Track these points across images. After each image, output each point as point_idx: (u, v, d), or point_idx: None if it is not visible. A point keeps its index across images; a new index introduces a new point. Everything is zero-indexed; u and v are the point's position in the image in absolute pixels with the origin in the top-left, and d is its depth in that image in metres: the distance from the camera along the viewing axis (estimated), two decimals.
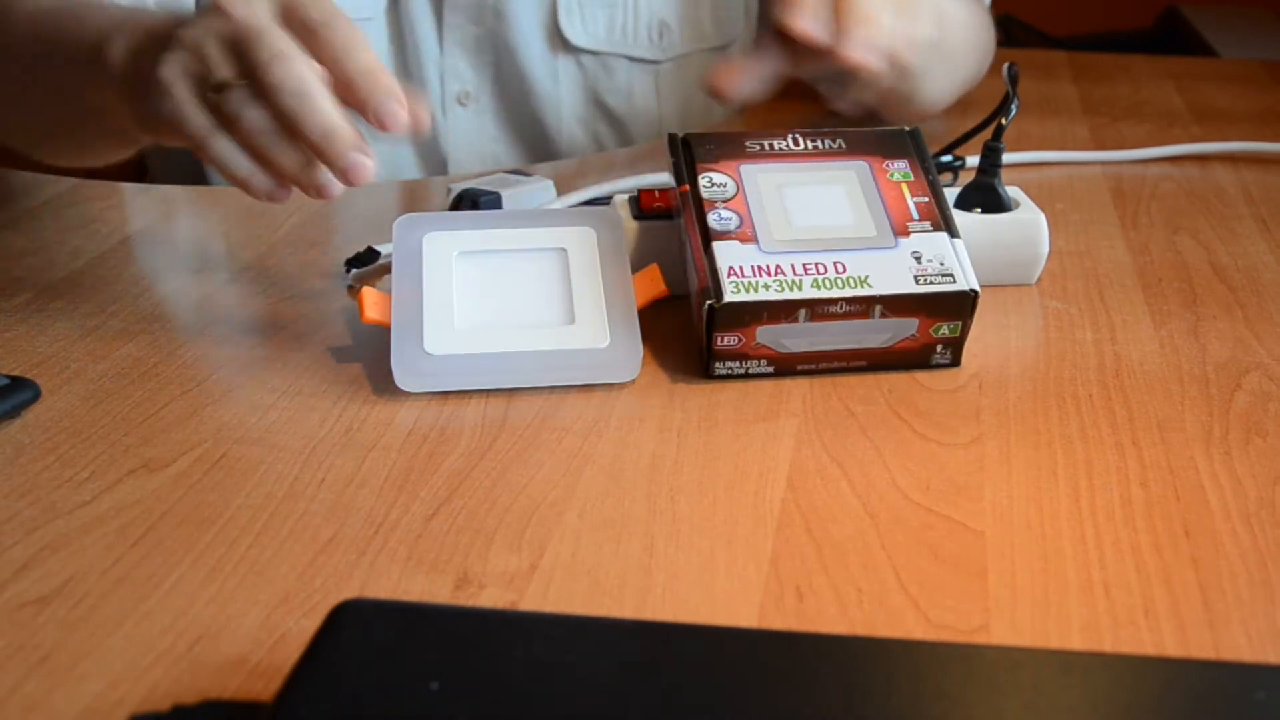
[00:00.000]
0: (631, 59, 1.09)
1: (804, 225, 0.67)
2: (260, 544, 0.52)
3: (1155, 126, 1.13)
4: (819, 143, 0.72)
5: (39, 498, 0.55)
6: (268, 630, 0.47)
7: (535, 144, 1.12)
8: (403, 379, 0.63)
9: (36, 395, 0.62)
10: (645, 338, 0.71)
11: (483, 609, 0.47)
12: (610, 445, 0.60)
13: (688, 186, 0.69)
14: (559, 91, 1.09)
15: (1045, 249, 0.77)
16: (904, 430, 0.62)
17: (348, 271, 0.75)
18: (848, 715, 0.38)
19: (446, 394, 0.64)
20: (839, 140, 0.72)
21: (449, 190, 0.84)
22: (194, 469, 0.58)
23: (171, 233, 0.86)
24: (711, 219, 0.67)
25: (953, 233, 0.67)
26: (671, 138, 0.72)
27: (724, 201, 0.68)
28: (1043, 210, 0.78)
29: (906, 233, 0.67)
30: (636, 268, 0.74)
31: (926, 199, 0.69)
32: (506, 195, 0.83)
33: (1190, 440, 0.61)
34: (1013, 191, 0.79)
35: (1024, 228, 0.77)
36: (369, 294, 0.65)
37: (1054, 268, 0.80)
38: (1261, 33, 2.18)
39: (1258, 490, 0.57)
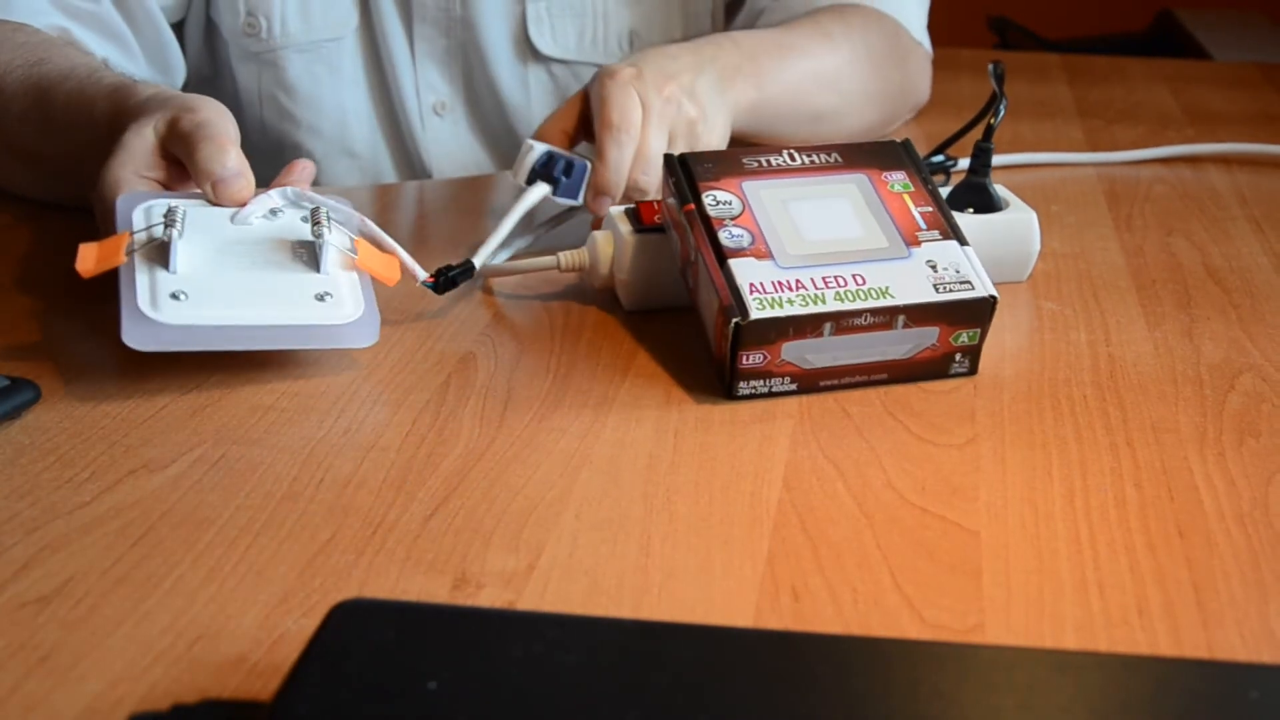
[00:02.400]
0: None
1: (815, 239, 0.67)
2: (259, 544, 0.53)
3: (1149, 129, 1.13)
4: (814, 157, 0.72)
5: (39, 498, 0.56)
6: (267, 630, 0.48)
7: (510, 152, 1.12)
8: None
9: (37, 396, 0.63)
10: (641, 341, 0.71)
11: (480, 609, 0.48)
12: (607, 446, 0.60)
13: (693, 205, 0.69)
14: (530, 100, 1.10)
15: (1036, 246, 0.78)
16: (899, 431, 0.62)
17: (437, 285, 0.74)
18: (843, 715, 0.38)
19: (444, 395, 0.65)
20: (834, 154, 0.72)
21: (529, 147, 0.81)
22: (193, 469, 0.58)
23: None
24: (723, 237, 0.66)
25: (962, 241, 0.67)
26: (668, 158, 0.72)
27: (732, 219, 0.67)
28: (1036, 210, 0.78)
29: (917, 242, 0.67)
30: (637, 280, 0.73)
31: (930, 208, 0.69)
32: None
33: (1184, 441, 0.61)
34: (1002, 191, 0.79)
35: (1016, 226, 0.77)
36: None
37: (1049, 270, 0.80)
38: (1255, 36, 2.19)
39: (1251, 490, 0.57)
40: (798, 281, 0.64)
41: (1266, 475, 0.58)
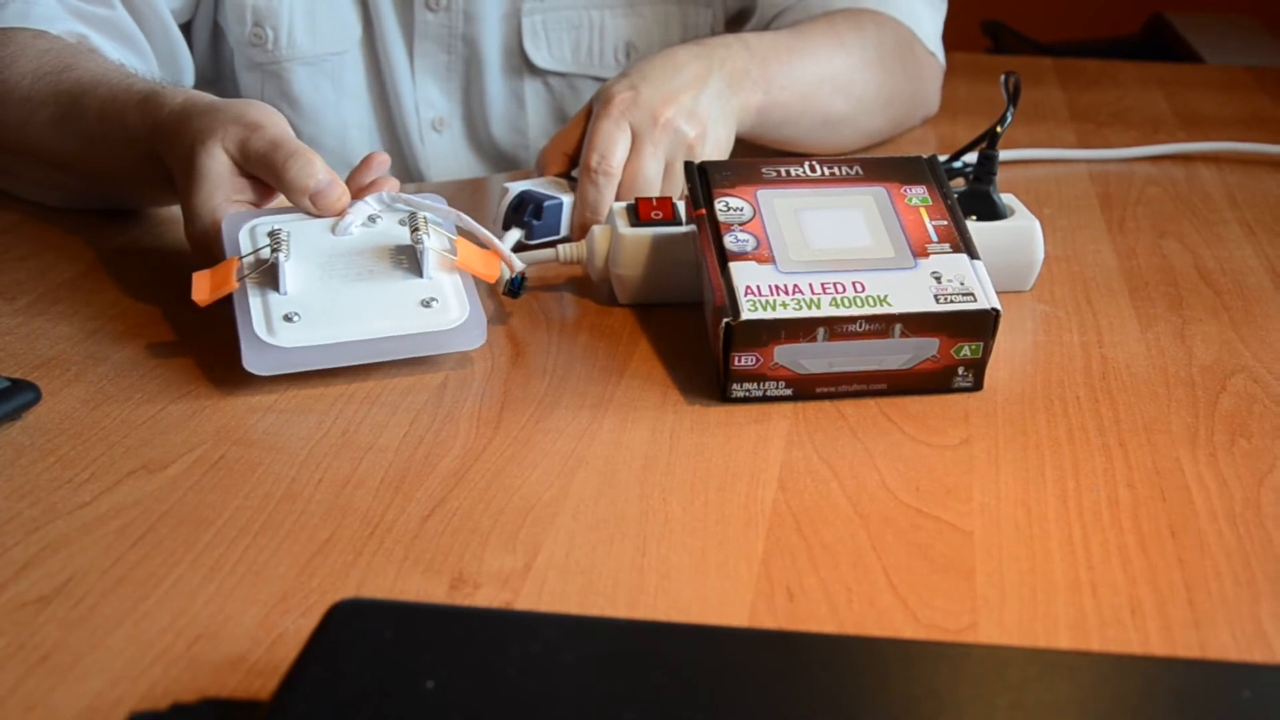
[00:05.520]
0: (598, 80, 1.09)
1: (821, 247, 0.67)
2: (258, 544, 0.53)
3: (1142, 132, 1.13)
4: (836, 169, 0.72)
5: (39, 499, 0.56)
6: (265, 629, 0.48)
7: (507, 165, 1.12)
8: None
9: (37, 397, 0.63)
10: (638, 341, 0.71)
11: (478, 608, 0.48)
12: (603, 446, 0.61)
13: (704, 210, 0.69)
14: (526, 114, 1.10)
15: (1040, 255, 0.78)
16: (894, 432, 0.62)
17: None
18: (838, 713, 0.39)
19: (441, 396, 0.65)
20: (856, 167, 0.72)
21: (504, 190, 0.83)
22: (193, 470, 0.58)
23: (171, 237, 0.86)
24: (728, 240, 0.67)
25: (972, 254, 0.67)
26: (688, 165, 0.72)
27: (740, 224, 0.68)
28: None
29: (925, 254, 0.66)
30: (632, 275, 0.74)
31: (945, 222, 0.69)
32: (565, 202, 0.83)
33: (1176, 442, 0.61)
34: (1007, 199, 0.79)
35: (1019, 234, 0.77)
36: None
37: (1042, 272, 0.80)
38: (1247, 39, 2.19)
39: (1242, 491, 0.57)
40: (795, 286, 0.64)
41: (1258, 476, 0.59)
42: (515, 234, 0.80)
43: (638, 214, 0.75)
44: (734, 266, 0.65)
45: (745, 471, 0.59)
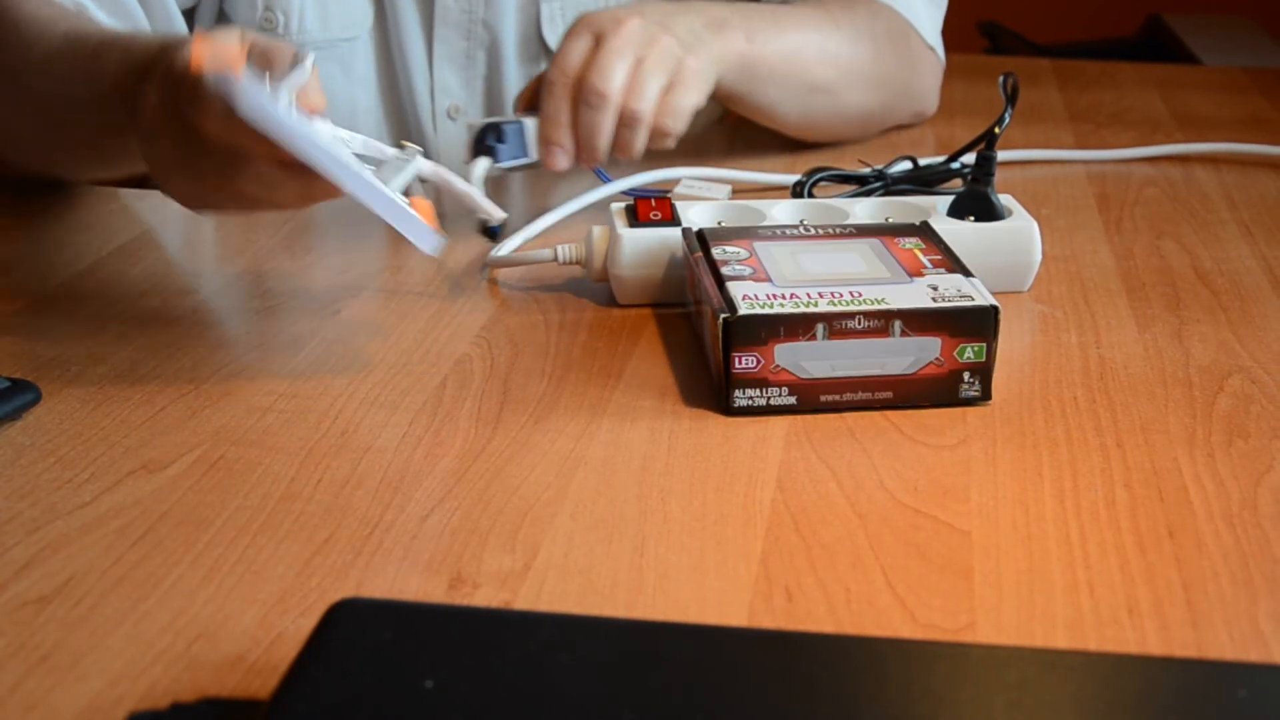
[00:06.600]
0: None
1: (817, 273, 0.67)
2: (258, 544, 0.53)
3: (1139, 133, 1.13)
4: (830, 229, 0.73)
5: (39, 499, 0.56)
6: (265, 629, 0.48)
7: None
8: None
9: (37, 398, 0.63)
10: (636, 342, 0.72)
11: (477, 608, 0.48)
12: (602, 447, 0.61)
13: (700, 254, 0.70)
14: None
15: (1038, 256, 0.78)
16: (892, 432, 0.62)
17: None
18: (837, 713, 0.39)
19: (441, 397, 0.65)
20: (850, 229, 0.73)
21: (469, 128, 0.84)
22: (192, 470, 0.58)
23: (169, 238, 0.87)
24: (725, 270, 0.67)
25: (967, 275, 0.67)
26: (685, 231, 0.73)
27: (738, 261, 0.68)
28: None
29: (921, 275, 0.67)
30: (630, 275, 0.74)
31: (939, 256, 0.69)
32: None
33: (1174, 442, 0.62)
34: (1005, 199, 0.80)
35: (1017, 235, 0.78)
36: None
37: (1040, 272, 0.80)
38: (1244, 40, 2.20)
39: (1240, 491, 0.58)
40: (792, 294, 0.64)
41: (1255, 476, 0.59)
42: (484, 162, 0.82)
43: (636, 215, 0.75)
44: (731, 284, 0.65)
45: (744, 471, 0.59)
